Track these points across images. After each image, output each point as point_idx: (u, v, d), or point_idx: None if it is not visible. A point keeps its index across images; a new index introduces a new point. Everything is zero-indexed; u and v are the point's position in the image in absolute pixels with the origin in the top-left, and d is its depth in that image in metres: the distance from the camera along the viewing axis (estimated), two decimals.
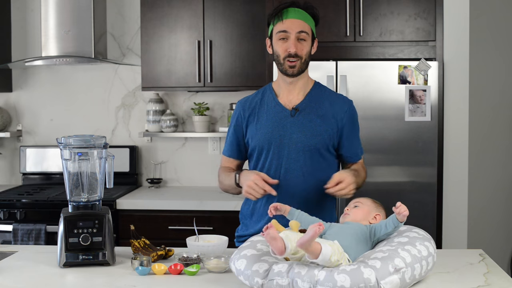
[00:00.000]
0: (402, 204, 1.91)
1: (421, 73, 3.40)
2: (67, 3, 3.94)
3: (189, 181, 4.27)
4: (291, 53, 2.30)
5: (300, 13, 2.32)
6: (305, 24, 2.32)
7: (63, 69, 4.29)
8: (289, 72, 2.33)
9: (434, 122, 3.42)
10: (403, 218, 1.91)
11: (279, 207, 2.10)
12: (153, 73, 3.91)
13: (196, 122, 4.06)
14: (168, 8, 3.89)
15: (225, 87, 3.91)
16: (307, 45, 2.33)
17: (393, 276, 1.76)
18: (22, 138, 4.35)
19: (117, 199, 3.66)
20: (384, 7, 3.53)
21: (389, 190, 3.45)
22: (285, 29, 2.30)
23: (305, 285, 1.75)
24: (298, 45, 2.31)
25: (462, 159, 3.55)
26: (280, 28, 2.31)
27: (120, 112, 4.28)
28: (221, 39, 3.87)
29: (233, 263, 1.93)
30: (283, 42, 2.32)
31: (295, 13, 2.32)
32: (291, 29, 2.30)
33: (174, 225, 3.59)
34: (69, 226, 2.16)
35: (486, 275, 2.00)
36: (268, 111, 2.40)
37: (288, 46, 2.30)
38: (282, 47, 2.32)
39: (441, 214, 3.53)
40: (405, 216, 1.91)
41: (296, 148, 2.35)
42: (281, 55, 2.32)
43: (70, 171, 2.23)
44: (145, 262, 2.08)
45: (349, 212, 2.11)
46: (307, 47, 2.34)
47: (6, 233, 3.64)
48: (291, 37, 2.30)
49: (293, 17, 2.31)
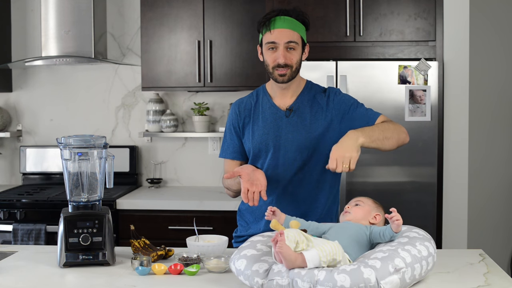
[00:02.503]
0: (397, 213, 1.91)
1: (421, 73, 3.40)
2: (67, 3, 3.94)
3: (189, 181, 4.27)
4: (280, 64, 2.29)
5: (288, 22, 2.30)
6: (294, 33, 2.30)
7: (63, 69, 4.29)
8: (279, 80, 2.33)
9: (434, 122, 3.42)
10: (397, 228, 1.90)
11: (276, 213, 2.08)
12: (153, 73, 3.92)
13: (196, 122, 4.07)
14: (168, 8, 3.89)
15: (225, 87, 3.91)
16: (296, 53, 2.32)
17: (393, 276, 1.76)
18: (22, 138, 4.35)
19: (117, 199, 3.66)
20: (384, 7, 3.53)
21: (389, 190, 3.45)
22: (273, 40, 2.29)
23: (305, 285, 1.75)
24: (287, 54, 2.29)
25: (462, 159, 3.55)
26: (269, 39, 2.30)
27: (120, 112, 4.28)
28: (221, 39, 3.88)
29: (233, 263, 1.93)
30: (272, 52, 2.31)
31: (283, 22, 2.29)
32: (279, 40, 2.28)
33: (174, 225, 3.60)
34: (69, 226, 2.16)
35: (486, 275, 2.00)
36: (264, 113, 2.41)
37: (277, 56, 2.29)
38: (271, 57, 2.31)
39: (441, 214, 3.53)
40: (398, 225, 1.90)
41: (292, 148, 2.35)
42: (270, 64, 2.32)
43: (70, 171, 2.23)
44: (145, 262, 2.08)
45: (349, 210, 2.11)
46: (297, 56, 2.32)
47: (6, 233, 3.64)
48: (279, 48, 2.29)
49: (281, 26, 2.28)
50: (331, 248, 1.79)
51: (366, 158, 3.44)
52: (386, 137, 2.22)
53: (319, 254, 1.77)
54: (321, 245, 1.80)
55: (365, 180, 3.46)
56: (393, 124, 2.30)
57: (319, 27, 3.52)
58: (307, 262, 1.77)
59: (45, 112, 4.33)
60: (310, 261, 1.77)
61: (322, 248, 1.78)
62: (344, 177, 3.41)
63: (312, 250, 1.78)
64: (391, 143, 2.24)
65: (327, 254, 1.77)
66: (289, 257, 1.76)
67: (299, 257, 1.77)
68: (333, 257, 1.78)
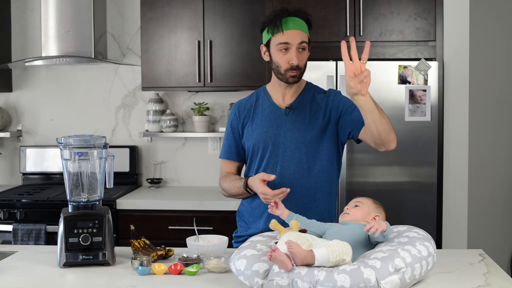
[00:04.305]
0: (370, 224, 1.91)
1: (421, 73, 3.40)
2: (67, 3, 3.94)
3: (189, 181, 4.27)
4: (293, 66, 2.30)
5: (298, 23, 2.31)
6: (304, 34, 2.32)
7: (63, 69, 4.29)
8: (290, 81, 2.35)
9: (434, 122, 3.42)
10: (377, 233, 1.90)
11: (279, 206, 2.10)
12: (153, 73, 3.92)
13: (196, 122, 4.07)
14: (168, 8, 3.89)
15: (225, 87, 3.91)
16: (306, 54, 2.35)
17: (393, 276, 1.76)
18: (22, 138, 4.35)
19: (117, 199, 3.66)
20: (384, 7, 3.53)
21: (389, 190, 3.45)
22: (286, 41, 2.29)
23: (305, 285, 1.75)
24: (299, 56, 2.31)
25: (462, 159, 3.55)
26: (281, 39, 2.30)
27: (120, 112, 4.28)
28: (221, 39, 3.88)
29: (233, 263, 1.93)
30: (284, 53, 2.31)
31: (295, 23, 2.31)
32: (292, 41, 2.29)
33: (174, 225, 3.59)
34: (69, 226, 2.16)
35: (486, 275, 2.00)
36: (263, 111, 2.43)
37: (290, 58, 2.30)
38: (283, 59, 2.31)
39: (441, 214, 3.53)
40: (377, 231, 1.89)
41: (291, 145, 2.37)
42: (282, 66, 2.32)
43: (70, 171, 2.23)
44: (145, 262, 2.08)
45: (348, 211, 2.11)
46: (307, 56, 2.36)
47: (6, 233, 3.64)
48: (292, 49, 2.30)
49: (293, 28, 2.30)
50: (342, 248, 1.80)
51: (366, 158, 3.45)
52: (384, 117, 2.14)
53: (328, 253, 1.78)
54: (331, 244, 1.80)
55: (365, 180, 3.46)
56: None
57: (319, 27, 3.52)
58: (315, 260, 1.78)
59: (45, 112, 4.33)
60: (318, 259, 1.78)
61: (332, 248, 1.78)
62: (344, 177, 3.41)
63: (322, 248, 1.79)
64: (385, 127, 2.14)
65: (337, 255, 1.78)
66: (300, 255, 1.78)
67: (309, 254, 1.79)
68: (342, 257, 1.79)
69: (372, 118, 2.10)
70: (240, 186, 2.39)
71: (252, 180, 2.32)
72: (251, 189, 2.35)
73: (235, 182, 2.43)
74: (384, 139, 2.19)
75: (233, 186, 2.44)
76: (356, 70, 1.97)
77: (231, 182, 2.45)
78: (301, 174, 2.37)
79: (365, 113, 2.09)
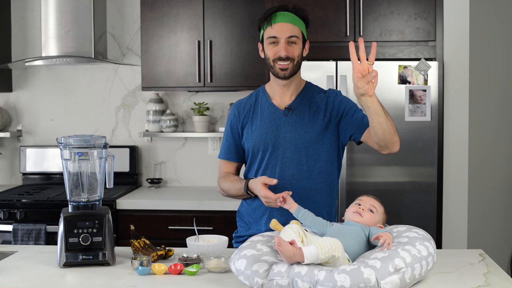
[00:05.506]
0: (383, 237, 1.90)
1: (421, 73, 3.39)
2: (67, 3, 3.94)
3: (189, 181, 4.27)
4: (281, 56, 2.30)
5: (289, 17, 2.31)
6: (295, 28, 2.31)
7: (63, 69, 4.29)
8: (281, 75, 2.33)
9: (434, 122, 3.42)
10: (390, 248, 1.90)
11: (287, 200, 2.11)
12: (153, 73, 3.92)
13: (196, 122, 4.07)
14: (168, 8, 3.89)
15: (225, 87, 3.91)
16: (298, 47, 2.33)
17: (393, 276, 1.76)
18: (22, 138, 4.35)
19: (117, 199, 3.66)
20: (384, 7, 3.53)
21: (389, 190, 3.45)
22: (274, 34, 2.30)
23: (305, 285, 1.75)
24: (289, 48, 2.31)
25: (462, 159, 3.55)
26: (270, 33, 2.31)
27: (120, 112, 4.28)
28: (221, 39, 3.88)
29: (233, 263, 1.93)
30: (273, 46, 2.32)
31: (284, 16, 2.31)
32: (280, 34, 2.30)
33: (174, 225, 3.59)
34: (69, 226, 2.16)
35: (486, 275, 2.00)
36: (262, 112, 2.43)
37: (278, 49, 2.30)
38: (271, 51, 2.32)
39: (441, 214, 3.53)
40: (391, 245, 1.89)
41: (290, 146, 2.37)
42: (270, 57, 2.33)
43: (70, 171, 2.23)
44: (145, 262, 2.08)
45: (362, 213, 2.06)
46: (298, 50, 2.34)
47: (6, 233, 3.64)
48: (281, 42, 2.30)
49: (282, 21, 2.30)
50: (330, 245, 1.79)
51: (366, 158, 3.45)
52: (389, 119, 2.14)
53: (317, 250, 1.77)
54: (321, 241, 1.80)
55: (365, 180, 3.46)
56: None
57: (319, 27, 3.52)
58: (304, 258, 1.77)
59: (45, 112, 4.33)
60: (307, 257, 1.77)
61: (321, 245, 1.78)
62: (344, 177, 3.41)
63: (311, 246, 1.79)
64: (390, 129, 2.14)
65: (326, 251, 1.78)
66: (288, 253, 1.78)
67: (297, 252, 1.78)
68: (332, 254, 1.78)
69: (378, 119, 2.11)
70: (240, 188, 2.39)
71: (253, 183, 2.32)
72: (252, 192, 2.35)
73: (235, 183, 2.43)
74: (388, 141, 2.20)
75: (232, 187, 2.44)
76: (364, 71, 1.98)
77: (231, 183, 2.45)
78: (300, 176, 2.37)
79: (371, 114, 2.09)
